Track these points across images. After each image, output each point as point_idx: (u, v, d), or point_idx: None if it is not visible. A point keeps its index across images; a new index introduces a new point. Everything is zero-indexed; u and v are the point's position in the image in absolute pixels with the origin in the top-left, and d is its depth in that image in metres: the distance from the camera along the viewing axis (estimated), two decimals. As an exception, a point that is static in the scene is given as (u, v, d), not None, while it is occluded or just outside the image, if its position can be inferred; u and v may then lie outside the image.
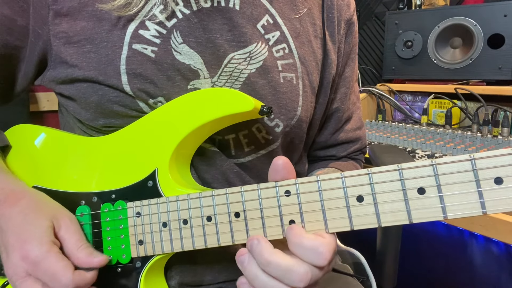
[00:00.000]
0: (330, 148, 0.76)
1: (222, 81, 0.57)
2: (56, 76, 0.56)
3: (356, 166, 0.78)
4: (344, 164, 0.75)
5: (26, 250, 0.47)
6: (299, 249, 0.41)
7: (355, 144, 0.77)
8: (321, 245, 0.40)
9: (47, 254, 0.47)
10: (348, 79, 0.72)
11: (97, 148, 0.57)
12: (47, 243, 0.47)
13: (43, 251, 0.47)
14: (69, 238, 0.50)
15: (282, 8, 0.61)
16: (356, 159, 0.79)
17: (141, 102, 0.54)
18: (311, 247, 0.40)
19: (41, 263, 0.46)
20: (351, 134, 0.75)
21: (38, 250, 0.47)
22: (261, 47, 0.58)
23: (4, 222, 0.50)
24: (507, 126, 1.13)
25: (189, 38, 0.55)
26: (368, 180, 0.40)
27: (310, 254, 0.40)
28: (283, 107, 0.59)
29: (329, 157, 0.77)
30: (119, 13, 0.53)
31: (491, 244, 1.27)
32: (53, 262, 0.46)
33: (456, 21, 1.40)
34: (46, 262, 0.46)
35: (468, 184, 0.36)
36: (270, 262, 0.40)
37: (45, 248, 0.47)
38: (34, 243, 0.47)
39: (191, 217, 0.48)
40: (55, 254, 0.47)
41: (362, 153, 0.81)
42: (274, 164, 0.43)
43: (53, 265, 0.46)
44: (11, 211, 0.50)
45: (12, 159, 0.61)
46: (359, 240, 0.91)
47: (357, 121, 0.77)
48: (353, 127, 0.76)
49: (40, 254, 0.47)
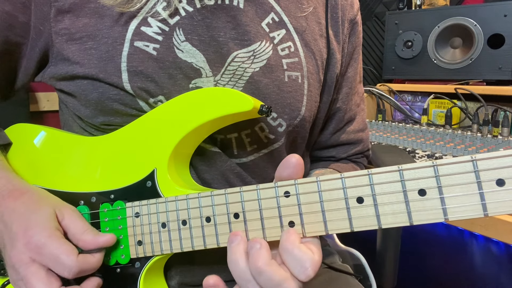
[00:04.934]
0: (330, 149, 0.75)
1: (225, 80, 0.56)
2: (56, 73, 0.56)
3: (355, 169, 0.77)
4: (343, 166, 0.75)
5: (29, 236, 0.47)
6: (288, 256, 0.40)
7: (356, 146, 0.76)
8: (309, 261, 0.40)
9: (50, 238, 0.47)
10: (350, 79, 0.72)
11: (96, 147, 0.57)
12: (50, 228, 0.48)
13: (45, 236, 0.47)
14: (73, 224, 0.50)
15: (288, 6, 0.61)
16: (357, 162, 0.78)
17: (141, 101, 0.54)
18: (299, 259, 0.40)
19: (44, 247, 0.46)
20: (353, 135, 0.75)
21: (40, 235, 0.47)
22: (265, 45, 0.58)
23: (7, 215, 0.50)
24: (507, 126, 1.13)
25: (191, 36, 0.55)
26: (368, 181, 0.40)
27: (296, 265, 0.40)
28: (287, 107, 0.59)
29: (328, 157, 0.76)
30: (121, 9, 0.52)
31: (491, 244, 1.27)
32: (56, 246, 0.46)
33: (456, 21, 1.40)
34: (49, 246, 0.46)
35: (469, 185, 0.36)
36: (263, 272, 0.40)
37: (48, 232, 0.47)
38: (37, 229, 0.47)
39: (190, 218, 0.48)
40: (58, 238, 0.47)
41: (364, 156, 0.80)
42: (287, 160, 0.43)
43: (56, 248, 0.46)
44: (15, 204, 0.50)
45: (10, 158, 0.61)
46: (359, 240, 0.91)
47: (360, 123, 0.76)
48: (355, 128, 0.75)
49: (43, 238, 0.46)
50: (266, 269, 0.40)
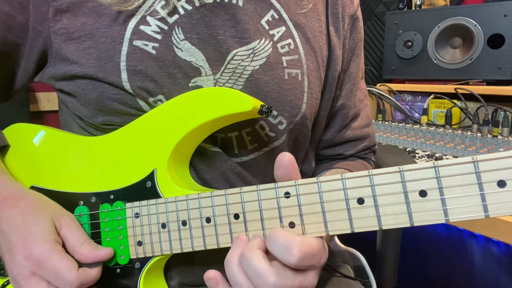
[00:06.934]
0: (337, 147, 0.74)
1: (225, 78, 0.56)
2: (56, 73, 0.56)
3: (366, 166, 0.76)
4: (352, 164, 0.74)
5: (29, 250, 0.47)
6: (273, 244, 0.41)
7: (363, 142, 0.76)
8: (292, 243, 0.40)
9: (51, 253, 0.47)
10: (353, 75, 0.71)
11: (96, 148, 0.57)
12: (50, 241, 0.48)
13: (46, 250, 0.47)
14: (71, 235, 0.50)
15: (288, 3, 0.61)
16: (365, 158, 0.77)
17: (140, 101, 0.54)
18: (282, 243, 0.40)
19: (44, 261, 0.46)
20: (359, 131, 0.74)
21: (41, 249, 0.47)
22: (264, 43, 0.57)
23: (5, 224, 0.50)
24: (507, 126, 1.13)
25: (191, 35, 0.54)
26: (369, 182, 0.40)
27: (281, 250, 0.40)
28: (287, 104, 0.58)
29: (336, 156, 0.75)
30: (120, 7, 0.52)
31: (491, 244, 1.27)
32: (57, 260, 0.46)
33: (456, 21, 1.40)
34: (50, 261, 0.46)
35: (470, 186, 0.36)
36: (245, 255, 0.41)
37: (48, 246, 0.47)
38: (37, 243, 0.47)
39: (190, 218, 0.48)
40: (58, 252, 0.47)
41: (371, 152, 0.79)
42: (278, 160, 0.43)
43: (57, 263, 0.46)
44: (11, 212, 0.50)
45: (9, 158, 0.61)
46: (359, 240, 0.91)
47: (365, 119, 0.76)
48: (361, 124, 0.75)
49: (44, 252, 0.47)
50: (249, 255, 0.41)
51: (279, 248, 0.40)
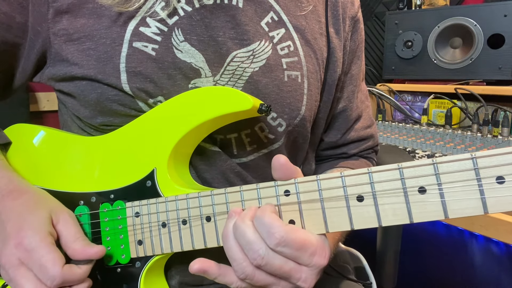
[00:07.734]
0: (342, 147, 0.75)
1: (225, 80, 0.56)
2: (55, 74, 0.56)
3: (369, 165, 0.76)
4: (357, 163, 0.74)
5: (20, 238, 0.47)
6: (258, 222, 0.42)
7: (367, 142, 0.76)
8: (276, 226, 0.40)
9: (40, 243, 0.46)
10: (354, 77, 0.71)
11: (96, 147, 0.57)
12: (42, 232, 0.47)
13: (36, 240, 0.46)
14: (66, 230, 0.50)
15: (288, 5, 0.61)
16: (368, 158, 0.78)
17: (140, 102, 0.54)
18: (267, 223, 0.41)
19: (33, 251, 0.46)
20: (362, 132, 0.74)
21: (32, 238, 0.46)
22: (264, 45, 0.58)
23: (4, 214, 0.50)
24: (507, 126, 1.13)
25: (190, 36, 0.54)
26: (368, 179, 0.40)
27: (264, 230, 0.41)
28: (287, 106, 0.58)
29: (339, 155, 0.75)
30: (120, 8, 0.52)
31: (491, 244, 1.26)
32: (45, 252, 0.46)
33: (456, 21, 1.40)
34: (38, 252, 0.46)
35: (469, 183, 0.36)
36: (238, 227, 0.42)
37: (39, 237, 0.47)
38: (29, 232, 0.47)
39: (190, 217, 0.48)
40: (48, 244, 0.47)
41: (374, 152, 0.79)
42: (273, 163, 0.44)
43: (43, 255, 0.46)
44: (13, 204, 0.50)
45: (9, 158, 0.61)
46: (359, 240, 0.91)
47: (367, 119, 0.76)
48: (364, 125, 0.75)
49: (34, 242, 0.46)
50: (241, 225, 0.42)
51: (262, 227, 0.41)
